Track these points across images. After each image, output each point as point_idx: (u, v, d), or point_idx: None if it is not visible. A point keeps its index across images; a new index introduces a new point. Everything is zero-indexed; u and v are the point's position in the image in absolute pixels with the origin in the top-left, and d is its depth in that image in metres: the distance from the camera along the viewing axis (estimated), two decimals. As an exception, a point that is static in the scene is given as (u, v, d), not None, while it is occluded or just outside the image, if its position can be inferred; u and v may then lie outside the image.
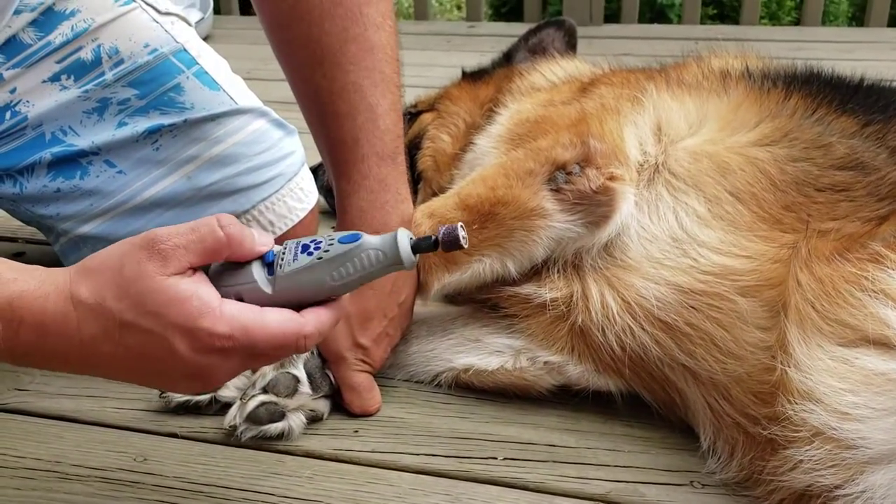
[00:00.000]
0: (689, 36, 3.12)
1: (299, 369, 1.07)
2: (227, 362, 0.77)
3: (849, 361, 0.84)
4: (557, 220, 1.06)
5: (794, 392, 0.86)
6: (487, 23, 4.00)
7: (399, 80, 1.11)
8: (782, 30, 3.97)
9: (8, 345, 0.75)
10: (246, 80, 1.23)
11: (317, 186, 1.28)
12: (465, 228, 0.78)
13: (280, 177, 1.19)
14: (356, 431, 1.07)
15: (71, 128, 1.13)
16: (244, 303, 0.78)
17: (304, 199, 1.23)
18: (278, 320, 0.77)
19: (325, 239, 0.79)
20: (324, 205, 1.58)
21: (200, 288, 0.75)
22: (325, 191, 1.54)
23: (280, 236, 1.20)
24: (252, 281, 0.78)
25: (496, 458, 1.02)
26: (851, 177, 1.02)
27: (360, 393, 1.10)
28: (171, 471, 1.00)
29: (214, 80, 1.16)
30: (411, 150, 1.48)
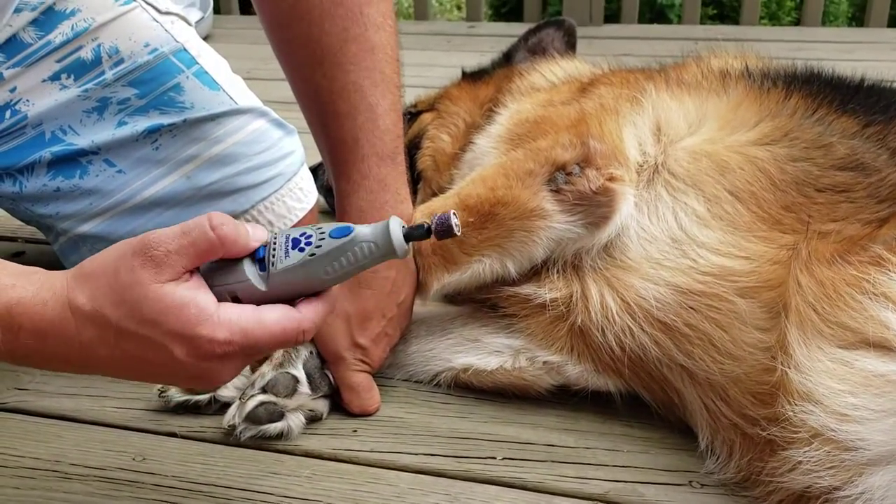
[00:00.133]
0: (689, 36, 3.12)
1: (298, 369, 1.07)
2: (228, 364, 0.78)
3: (848, 363, 0.84)
4: (557, 221, 1.06)
5: (794, 393, 0.86)
6: (487, 23, 4.00)
7: (399, 80, 1.12)
8: (782, 30, 3.97)
9: (8, 348, 0.75)
10: (246, 80, 1.23)
11: (316, 186, 1.28)
12: (457, 216, 0.78)
13: (279, 176, 1.19)
14: (355, 431, 1.07)
15: (71, 127, 1.13)
16: (240, 302, 0.78)
17: (303, 198, 1.23)
18: (276, 318, 0.77)
19: (316, 232, 0.78)
20: (323, 204, 1.59)
21: (197, 294, 0.75)
22: (324, 190, 1.54)
23: (280, 236, 1.20)
24: (245, 279, 0.78)
25: (495, 458, 1.02)
26: (852, 177, 1.02)
27: (359, 393, 1.10)
28: (170, 470, 1.00)
29: (214, 80, 1.16)
30: (411, 149, 1.48)
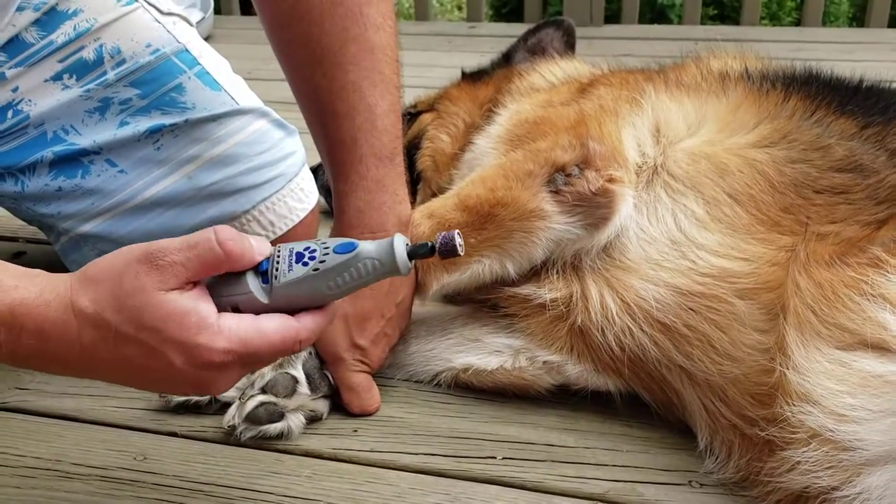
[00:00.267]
0: (690, 36, 3.11)
1: (298, 370, 1.07)
2: (226, 373, 0.78)
3: (847, 364, 0.84)
4: (556, 222, 1.06)
5: (792, 394, 0.86)
6: (488, 23, 3.99)
7: (399, 80, 1.12)
8: (783, 30, 3.97)
9: (9, 349, 0.75)
10: (247, 81, 1.24)
11: (317, 186, 1.28)
12: (461, 236, 0.79)
13: (281, 177, 1.20)
14: (355, 431, 1.08)
15: (73, 127, 1.14)
16: (240, 312, 0.78)
17: (304, 199, 1.23)
18: (275, 327, 0.77)
19: (320, 247, 0.79)
20: (324, 205, 1.59)
21: (199, 303, 0.75)
22: (324, 190, 1.54)
23: (281, 236, 1.21)
24: (248, 292, 0.78)
25: (495, 458, 1.02)
26: (850, 179, 1.02)
27: (359, 393, 1.10)
28: (171, 470, 1.00)
29: (216, 81, 1.17)
30: (411, 150, 1.48)
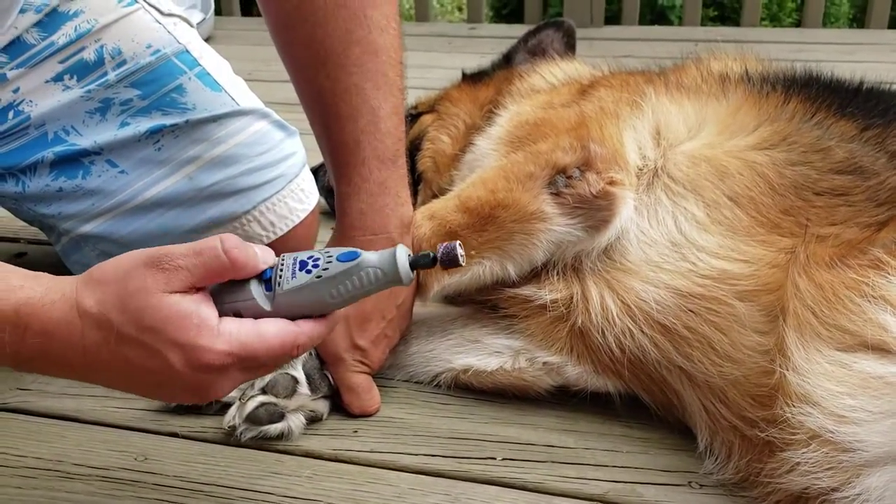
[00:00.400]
0: (690, 38, 3.12)
1: (298, 370, 1.08)
2: (225, 377, 0.78)
3: (847, 365, 0.85)
4: (557, 224, 1.06)
5: (792, 395, 0.86)
6: (488, 24, 4.00)
7: (402, 83, 1.12)
8: (783, 31, 3.98)
9: (13, 349, 0.76)
10: (247, 82, 1.24)
11: (317, 187, 1.28)
12: (462, 247, 0.79)
13: (281, 178, 1.20)
14: (355, 432, 1.08)
15: (73, 127, 1.14)
16: (241, 317, 0.79)
17: (304, 200, 1.23)
18: (274, 331, 0.78)
19: (324, 256, 0.79)
20: (324, 205, 1.59)
21: (201, 307, 0.76)
22: (325, 191, 1.54)
23: (281, 237, 1.21)
24: (251, 298, 0.79)
25: (495, 459, 1.02)
26: (850, 181, 1.02)
27: (359, 394, 1.10)
28: (172, 470, 1.00)
29: (216, 81, 1.17)
30: (412, 151, 1.48)
